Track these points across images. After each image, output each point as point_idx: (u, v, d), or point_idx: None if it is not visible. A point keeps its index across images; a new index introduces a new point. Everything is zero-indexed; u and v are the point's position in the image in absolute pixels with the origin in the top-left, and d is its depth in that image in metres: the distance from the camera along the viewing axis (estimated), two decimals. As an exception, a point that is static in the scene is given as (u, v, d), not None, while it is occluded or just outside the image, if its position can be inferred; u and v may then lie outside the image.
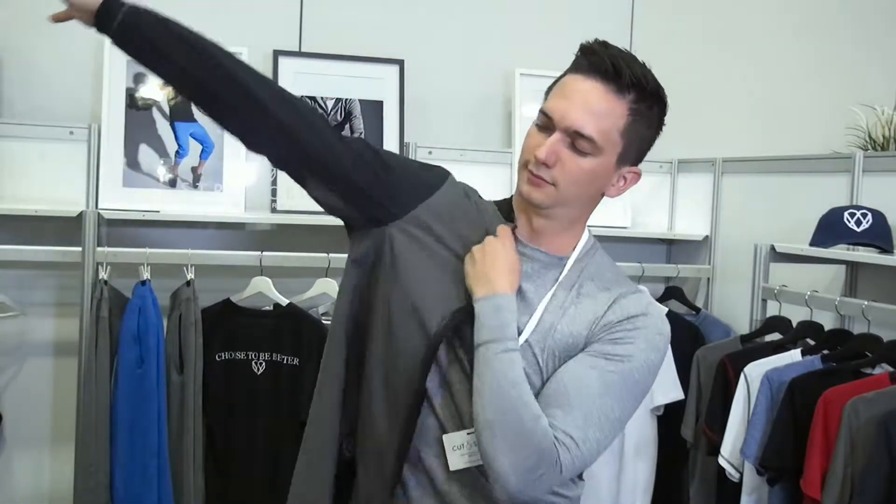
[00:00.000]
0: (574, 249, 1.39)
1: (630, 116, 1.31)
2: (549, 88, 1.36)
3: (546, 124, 1.31)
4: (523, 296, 1.34)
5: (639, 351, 1.32)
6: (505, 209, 1.44)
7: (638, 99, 1.32)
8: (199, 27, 1.51)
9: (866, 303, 2.10)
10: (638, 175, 1.40)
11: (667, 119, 1.45)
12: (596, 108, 1.29)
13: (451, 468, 1.32)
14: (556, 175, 1.30)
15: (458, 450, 1.32)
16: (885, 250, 2.20)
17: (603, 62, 1.28)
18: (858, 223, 2.23)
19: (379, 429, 1.37)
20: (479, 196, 1.48)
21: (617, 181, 1.38)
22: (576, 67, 1.32)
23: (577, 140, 1.29)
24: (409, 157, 2.76)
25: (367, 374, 1.39)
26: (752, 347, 2.35)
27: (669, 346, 1.43)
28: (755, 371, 2.17)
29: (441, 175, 1.45)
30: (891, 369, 1.97)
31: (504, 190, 2.88)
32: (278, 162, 1.45)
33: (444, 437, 1.33)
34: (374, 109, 2.76)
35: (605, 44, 1.32)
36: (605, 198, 1.41)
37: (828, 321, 2.28)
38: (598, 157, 1.31)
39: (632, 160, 1.37)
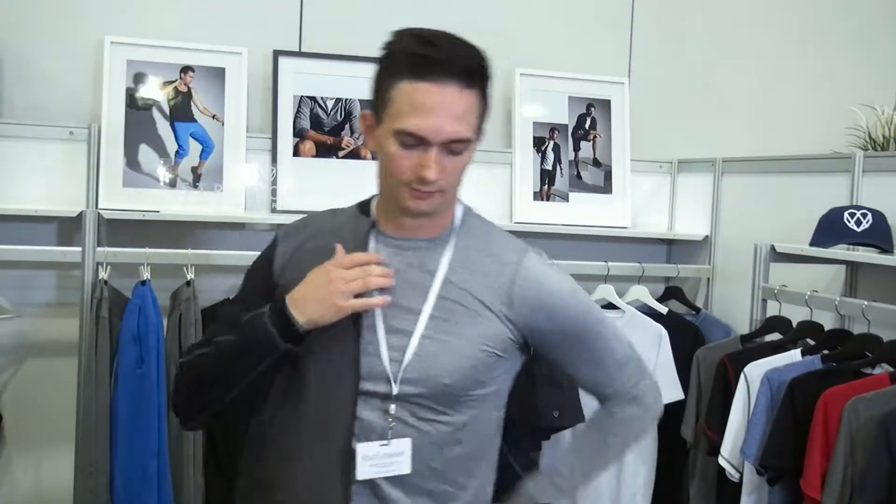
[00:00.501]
0: (452, 222, 1.44)
1: (480, 98, 1.35)
2: (380, 92, 1.34)
3: (415, 143, 1.31)
4: (413, 283, 1.39)
5: (577, 302, 1.47)
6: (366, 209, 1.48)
7: (481, 80, 1.35)
8: (199, 28, 1.51)
9: (866, 303, 2.10)
10: (481, 137, 1.43)
11: (667, 119, 1.46)
12: (461, 111, 1.31)
13: (359, 477, 1.36)
14: (444, 182, 1.33)
15: (368, 460, 1.36)
16: (885, 250, 2.20)
17: (450, 63, 1.29)
18: (858, 223, 2.23)
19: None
20: (327, 215, 1.51)
21: (472, 153, 1.41)
22: (415, 72, 1.29)
23: (452, 145, 1.31)
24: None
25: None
26: (752, 347, 2.35)
27: (669, 345, 1.46)
28: (755, 371, 2.17)
29: (271, 243, 1.51)
30: (891, 369, 1.97)
31: (504, 190, 2.90)
32: None
33: (358, 446, 1.36)
34: (374, 109, 2.76)
35: (427, 39, 1.32)
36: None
37: (828, 321, 2.28)
38: (471, 145, 1.35)
39: (482, 130, 1.42)
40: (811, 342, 2.23)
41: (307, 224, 1.51)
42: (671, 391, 2.60)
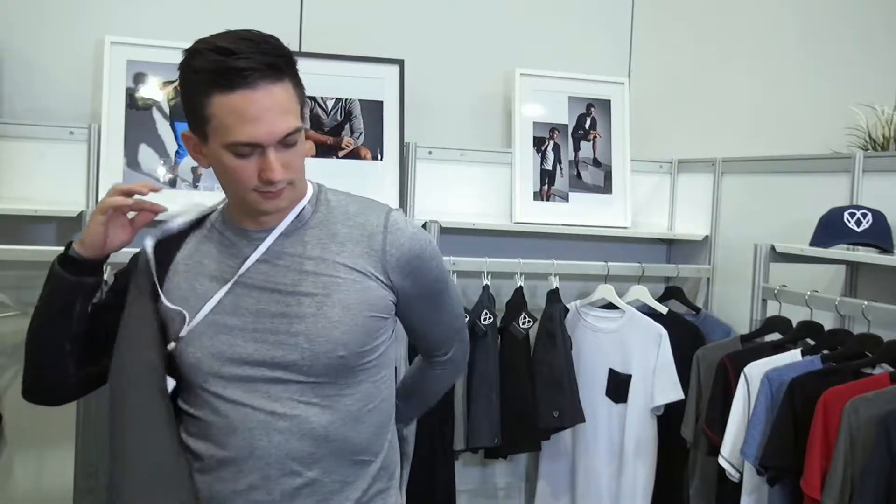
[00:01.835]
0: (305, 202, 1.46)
1: (292, 82, 1.35)
2: (196, 111, 1.34)
3: (251, 150, 1.31)
4: (288, 268, 1.42)
5: (437, 266, 1.52)
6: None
7: (287, 65, 1.34)
8: (198, 28, 1.52)
9: (866, 303, 2.10)
10: (308, 111, 1.45)
11: (667, 119, 1.46)
12: (283, 105, 1.32)
13: None
14: (290, 175, 1.35)
15: None
16: (885, 250, 2.20)
17: (253, 68, 1.29)
18: (858, 223, 2.23)
19: None
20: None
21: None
22: (227, 84, 1.29)
23: (286, 139, 1.33)
24: (409, 158, 2.77)
25: None
26: (752, 347, 2.35)
27: (669, 345, 1.46)
28: (755, 371, 2.17)
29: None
30: (891, 369, 1.97)
31: (504, 190, 2.90)
32: None
33: None
34: (374, 109, 2.76)
35: (224, 49, 1.30)
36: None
37: (828, 321, 2.28)
38: (301, 132, 1.36)
39: (304, 104, 1.42)
40: (811, 342, 2.23)
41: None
42: (671, 391, 2.61)
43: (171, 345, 1.43)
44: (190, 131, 1.38)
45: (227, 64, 1.28)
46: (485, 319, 2.60)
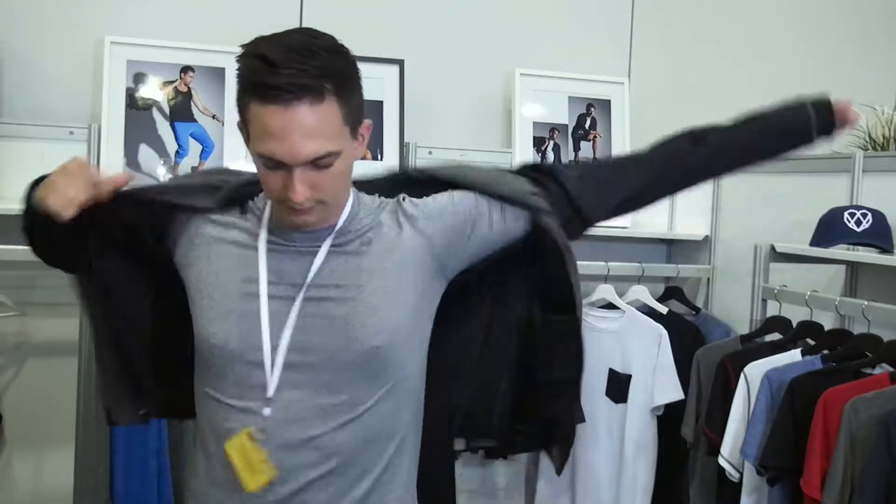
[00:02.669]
0: (341, 215, 1.40)
1: (339, 103, 1.27)
2: (241, 111, 1.32)
3: (277, 165, 1.26)
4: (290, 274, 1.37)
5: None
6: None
7: (335, 85, 1.26)
8: (199, 28, 1.52)
9: (866, 303, 2.10)
10: (369, 125, 1.38)
11: (667, 119, 1.45)
12: (314, 128, 1.24)
13: None
14: (319, 196, 1.29)
15: None
16: (885, 250, 2.20)
17: (287, 88, 1.22)
18: (858, 223, 2.23)
19: None
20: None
21: (358, 147, 1.36)
22: (261, 97, 1.25)
23: (317, 161, 1.26)
24: (408, 159, 2.77)
25: None
26: (752, 347, 2.35)
27: (669, 345, 1.45)
28: (755, 371, 2.17)
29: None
30: (891, 369, 1.97)
31: (504, 190, 2.89)
32: None
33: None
34: (374, 109, 2.75)
35: (269, 60, 1.24)
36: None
37: (828, 321, 2.28)
38: (341, 154, 1.29)
39: (359, 123, 1.35)
40: (811, 342, 2.23)
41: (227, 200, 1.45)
42: (671, 391, 2.61)
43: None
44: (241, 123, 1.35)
45: (262, 78, 1.23)
46: (485, 319, 2.60)
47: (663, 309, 2.80)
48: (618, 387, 2.68)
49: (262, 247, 1.38)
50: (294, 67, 1.22)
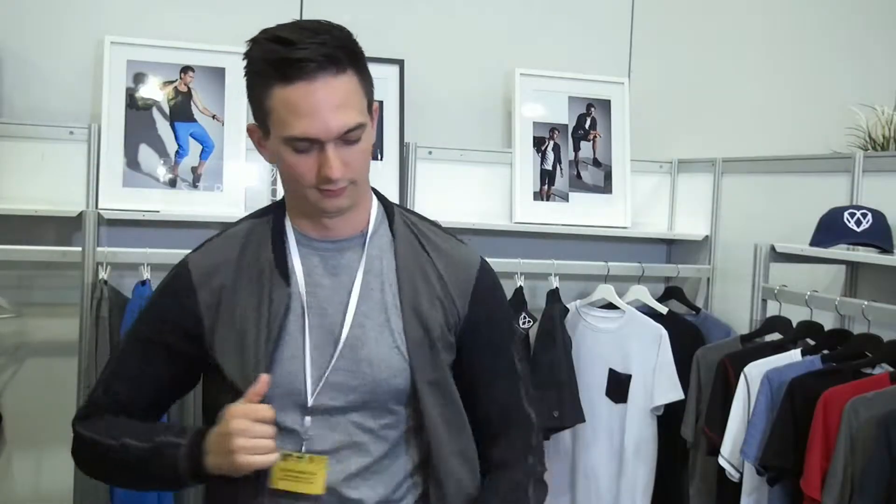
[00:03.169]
0: (370, 219, 1.41)
1: (357, 76, 1.29)
2: (258, 104, 1.30)
3: (309, 146, 1.27)
4: (331, 280, 1.37)
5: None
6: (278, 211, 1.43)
7: (351, 58, 1.28)
8: (199, 28, 1.51)
9: (866, 303, 2.10)
10: (377, 107, 1.39)
11: (667, 119, 1.45)
12: (341, 99, 1.26)
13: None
14: (351, 174, 1.30)
15: None
16: (885, 250, 2.20)
17: (310, 59, 1.24)
18: (858, 223, 2.23)
19: None
20: (239, 235, 1.44)
21: (371, 127, 1.36)
22: (285, 76, 1.25)
23: (347, 136, 1.27)
24: (409, 158, 2.77)
25: None
26: (752, 347, 2.35)
27: (669, 345, 1.45)
28: (755, 371, 2.17)
29: (182, 289, 1.41)
30: (891, 369, 1.97)
31: (504, 190, 2.90)
32: None
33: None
34: (374, 109, 2.76)
35: (284, 39, 1.25)
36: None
37: (828, 321, 2.28)
38: (366, 128, 1.31)
39: (372, 100, 1.36)
40: (811, 342, 2.23)
41: (219, 253, 1.41)
42: (671, 391, 2.61)
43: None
44: (255, 124, 1.35)
45: (284, 55, 1.24)
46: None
47: (663, 309, 2.80)
48: (618, 387, 2.68)
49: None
50: (312, 41, 1.24)
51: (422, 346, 1.38)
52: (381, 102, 2.76)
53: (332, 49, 1.25)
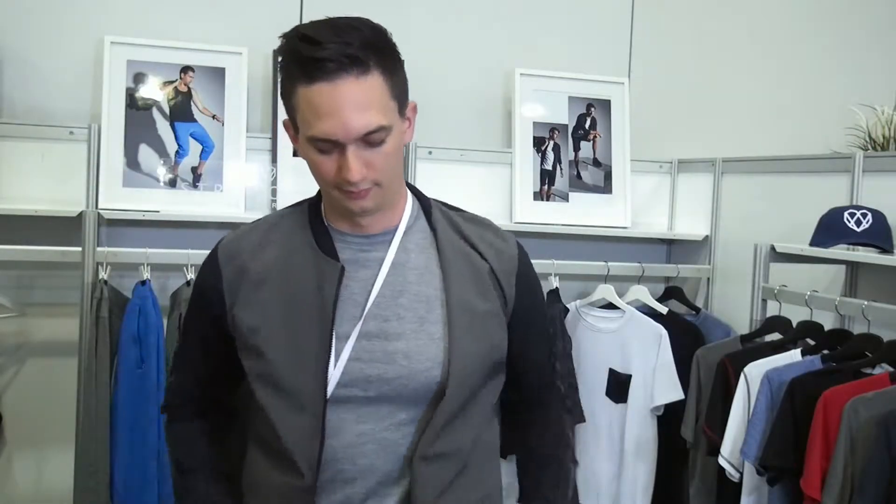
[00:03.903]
0: (403, 215, 1.42)
1: (384, 76, 1.27)
2: (287, 101, 1.30)
3: (330, 146, 1.26)
4: (361, 274, 1.37)
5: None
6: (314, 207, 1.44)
7: (379, 58, 1.27)
8: (199, 28, 1.51)
9: (866, 303, 2.10)
10: (415, 106, 1.39)
11: (667, 119, 1.45)
12: (364, 100, 1.24)
13: None
14: (374, 176, 1.29)
15: None
16: (885, 250, 2.20)
17: (332, 59, 1.22)
18: (858, 223, 2.23)
19: None
20: (271, 223, 1.45)
21: (407, 129, 1.37)
22: (308, 75, 1.23)
23: (369, 137, 1.26)
24: (409, 158, 2.77)
25: None
26: (752, 347, 2.35)
27: (669, 345, 1.47)
28: (755, 371, 2.17)
29: (209, 274, 1.42)
30: (891, 369, 1.97)
31: (504, 190, 2.90)
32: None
33: None
34: (374, 109, 2.76)
35: (310, 38, 1.23)
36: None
37: (828, 321, 2.28)
38: (392, 130, 1.29)
39: (405, 103, 1.35)
40: (811, 342, 2.23)
41: (248, 236, 1.42)
42: (671, 391, 2.61)
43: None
44: (288, 119, 1.34)
45: (307, 53, 1.22)
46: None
47: (663, 309, 2.80)
48: (618, 387, 2.68)
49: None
50: (338, 41, 1.23)
51: (467, 335, 1.37)
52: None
53: (357, 50, 1.23)
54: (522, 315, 1.47)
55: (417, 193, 1.47)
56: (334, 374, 1.33)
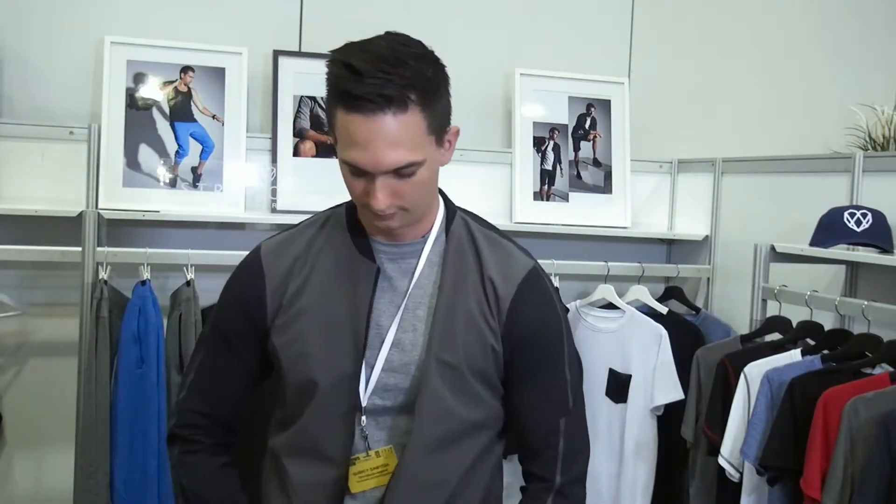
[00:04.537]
0: (432, 226, 1.44)
1: (424, 112, 1.28)
2: (328, 117, 1.33)
3: (360, 172, 1.29)
4: (391, 282, 1.40)
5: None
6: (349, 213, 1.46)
7: (420, 95, 1.27)
8: (199, 28, 1.51)
9: (866, 303, 2.10)
10: (457, 131, 1.40)
11: (667, 119, 1.45)
12: (397, 138, 1.25)
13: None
14: (402, 203, 1.31)
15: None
16: (885, 250, 2.20)
17: (371, 97, 1.23)
18: (858, 223, 2.23)
19: None
20: (311, 229, 1.48)
21: (445, 153, 1.38)
22: (345, 105, 1.25)
23: (400, 170, 1.28)
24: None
25: None
26: (752, 347, 2.35)
27: (669, 345, 1.46)
28: (755, 371, 2.17)
29: (252, 276, 1.45)
30: (891, 369, 1.97)
31: (504, 190, 2.90)
32: None
33: None
34: (374, 109, 2.76)
35: (354, 68, 1.24)
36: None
37: (828, 321, 2.28)
38: (424, 163, 1.30)
39: (445, 129, 1.36)
40: (811, 342, 2.23)
41: (290, 244, 1.46)
42: (671, 391, 2.61)
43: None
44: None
45: (346, 87, 1.24)
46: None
47: (663, 309, 2.80)
48: (618, 387, 2.68)
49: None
50: (379, 77, 1.23)
51: (445, 351, 1.38)
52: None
53: (398, 89, 1.24)
54: (512, 352, 1.42)
55: (447, 202, 1.49)
56: (369, 380, 1.38)
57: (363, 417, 1.38)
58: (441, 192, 1.48)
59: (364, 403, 1.38)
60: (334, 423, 1.37)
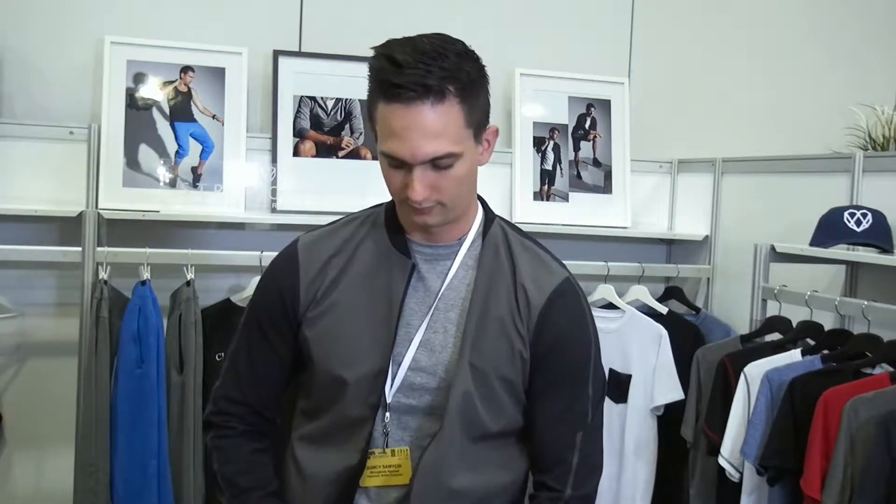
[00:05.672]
0: (469, 229, 1.45)
1: (462, 105, 1.31)
2: (370, 111, 1.34)
3: (399, 163, 1.30)
4: (425, 282, 1.41)
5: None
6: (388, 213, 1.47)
7: (459, 88, 1.30)
8: (199, 28, 1.51)
9: (866, 303, 2.10)
10: (496, 130, 1.42)
11: (667, 119, 1.46)
12: (436, 129, 1.27)
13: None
14: (439, 197, 1.32)
15: None
16: (885, 250, 2.20)
17: (411, 86, 1.25)
18: (858, 223, 2.23)
19: None
20: (350, 228, 1.49)
21: (483, 151, 1.40)
22: (385, 96, 1.28)
23: (438, 161, 1.29)
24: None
25: None
26: (752, 347, 2.35)
27: (669, 345, 1.46)
28: (755, 371, 2.17)
29: (288, 270, 1.46)
30: (891, 369, 1.97)
31: (504, 190, 2.90)
32: None
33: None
34: (374, 109, 2.76)
35: (395, 60, 1.26)
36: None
37: (828, 321, 2.28)
38: (462, 156, 1.32)
39: (483, 127, 1.38)
40: (811, 342, 2.23)
41: (328, 239, 1.47)
42: (671, 391, 2.61)
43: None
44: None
45: (387, 77, 1.26)
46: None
47: (663, 309, 2.80)
48: (618, 387, 2.68)
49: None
50: (420, 68, 1.25)
51: (477, 356, 1.39)
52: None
53: (437, 80, 1.26)
54: (537, 364, 1.42)
55: (486, 208, 1.50)
56: (395, 377, 1.39)
57: (387, 414, 1.39)
58: (480, 199, 1.49)
59: (389, 400, 1.39)
60: (358, 416, 1.39)
